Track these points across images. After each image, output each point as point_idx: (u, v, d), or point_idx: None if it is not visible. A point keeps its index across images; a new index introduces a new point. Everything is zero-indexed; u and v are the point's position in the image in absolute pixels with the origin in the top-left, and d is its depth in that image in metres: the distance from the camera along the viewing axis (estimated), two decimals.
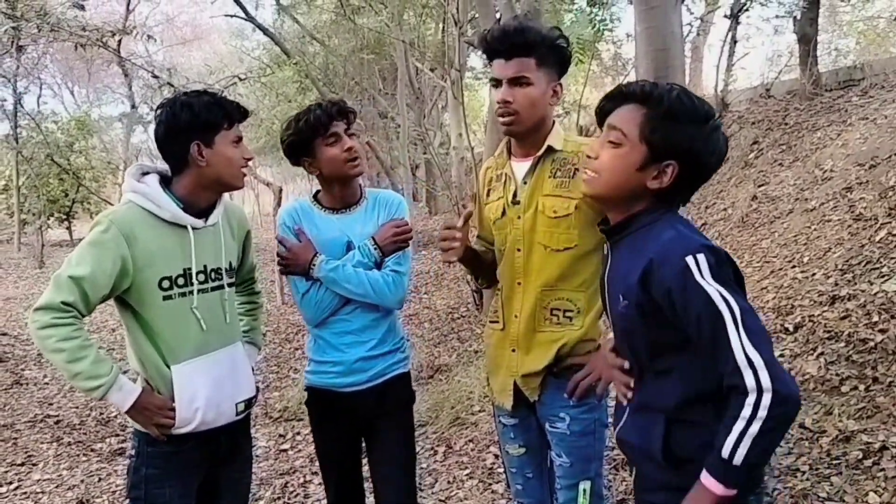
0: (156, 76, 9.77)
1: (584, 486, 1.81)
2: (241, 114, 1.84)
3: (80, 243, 1.73)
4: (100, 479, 3.98)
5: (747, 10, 8.90)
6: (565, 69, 1.85)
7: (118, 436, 4.78)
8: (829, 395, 3.02)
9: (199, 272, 1.81)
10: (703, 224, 6.34)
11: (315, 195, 2.15)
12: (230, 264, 1.93)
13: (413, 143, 12.26)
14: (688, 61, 9.91)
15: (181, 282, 1.78)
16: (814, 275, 4.13)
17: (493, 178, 1.98)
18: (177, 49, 25.04)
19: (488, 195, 1.98)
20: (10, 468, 4.14)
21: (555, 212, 1.78)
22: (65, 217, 18.03)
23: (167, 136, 1.78)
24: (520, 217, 1.84)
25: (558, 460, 1.85)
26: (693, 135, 1.37)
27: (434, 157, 9.53)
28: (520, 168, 1.87)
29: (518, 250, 1.84)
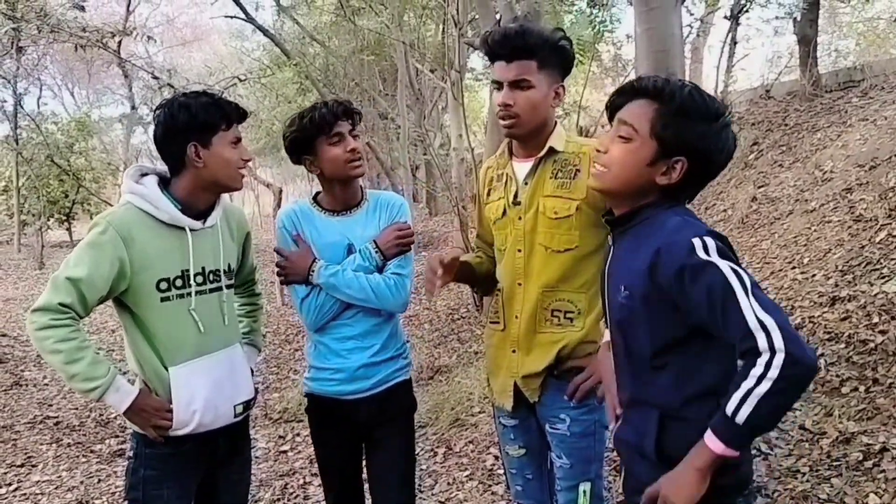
0: (156, 77, 9.76)
1: (585, 487, 1.80)
2: (239, 115, 1.83)
3: (78, 245, 1.73)
4: (99, 481, 3.97)
5: (747, 11, 8.91)
6: (568, 70, 1.83)
7: (118, 437, 4.77)
8: (829, 396, 3.02)
9: (197, 274, 1.81)
10: None
11: (315, 197, 2.11)
12: (229, 266, 1.92)
13: (413, 144, 12.26)
14: (688, 62, 9.91)
15: (179, 283, 1.77)
16: (814, 276, 4.12)
17: (493, 177, 1.97)
18: (177, 50, 25.10)
19: (489, 195, 1.98)
20: (10, 469, 4.13)
21: (556, 213, 1.77)
22: (65, 218, 18.01)
23: (165, 137, 1.78)
24: (520, 218, 1.83)
25: (558, 461, 1.85)
26: (704, 132, 1.37)
27: (434, 158, 9.52)
28: (521, 168, 1.86)
29: (519, 251, 1.84)
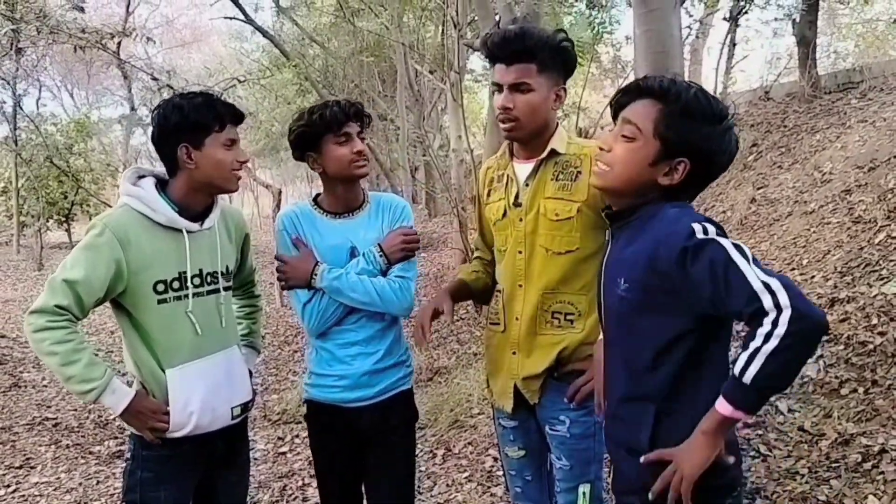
0: (155, 78, 9.75)
1: (584, 488, 1.80)
2: (234, 116, 1.81)
3: (75, 247, 1.73)
4: (98, 482, 3.96)
5: (746, 12, 8.92)
6: (570, 72, 1.81)
7: (117, 438, 4.76)
8: (828, 397, 3.01)
9: (194, 276, 1.81)
10: None
11: (315, 198, 2.07)
12: (227, 268, 1.92)
13: (412, 145, 12.28)
14: (687, 64, 9.92)
15: (176, 285, 1.77)
16: (813, 277, 4.12)
17: (493, 178, 1.96)
18: (176, 51, 25.15)
19: (488, 195, 1.97)
20: (9, 471, 4.12)
21: (556, 215, 1.77)
22: (64, 219, 18.00)
23: (159, 139, 1.79)
24: (521, 219, 1.82)
25: (558, 463, 1.85)
26: (707, 134, 1.37)
27: (433, 160, 9.53)
28: (522, 170, 1.86)
29: (519, 252, 1.83)
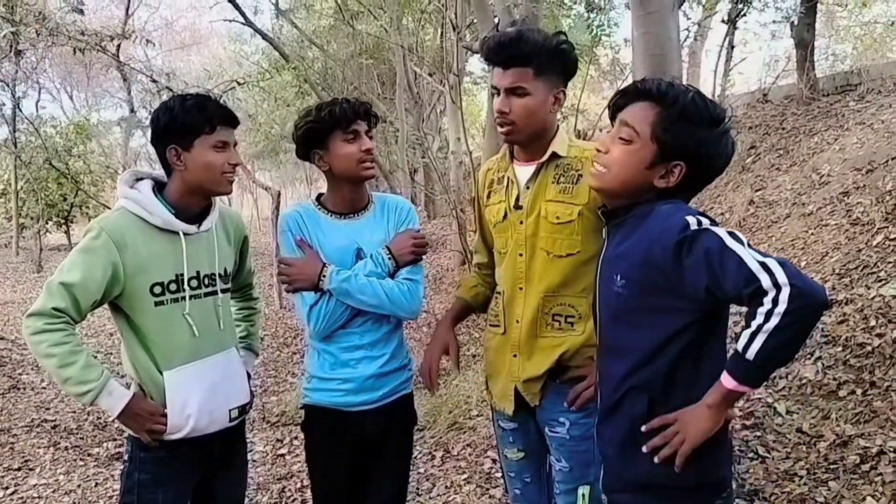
0: (154, 80, 9.78)
1: (583, 490, 1.80)
2: (226, 118, 1.79)
3: (73, 250, 1.74)
4: (97, 484, 3.96)
5: (744, 15, 8.93)
6: (570, 74, 1.80)
7: (115, 440, 4.76)
8: (826, 399, 3.02)
9: (191, 278, 1.81)
10: None
11: (318, 198, 2.01)
12: (225, 270, 1.92)
13: (412, 147, 12.27)
14: (685, 66, 9.94)
15: (173, 287, 1.78)
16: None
17: (494, 180, 1.95)
18: (176, 53, 25.18)
19: (488, 197, 1.96)
20: (7, 473, 4.12)
21: (557, 217, 1.76)
22: (63, 221, 18.01)
23: (153, 140, 1.80)
24: (522, 222, 1.82)
25: (557, 465, 1.85)
26: (704, 138, 1.38)
27: (432, 162, 9.54)
28: (522, 172, 1.85)
29: (520, 255, 1.83)
